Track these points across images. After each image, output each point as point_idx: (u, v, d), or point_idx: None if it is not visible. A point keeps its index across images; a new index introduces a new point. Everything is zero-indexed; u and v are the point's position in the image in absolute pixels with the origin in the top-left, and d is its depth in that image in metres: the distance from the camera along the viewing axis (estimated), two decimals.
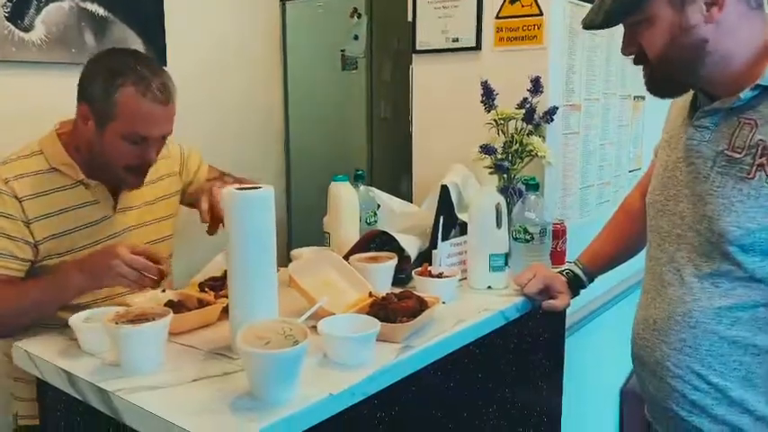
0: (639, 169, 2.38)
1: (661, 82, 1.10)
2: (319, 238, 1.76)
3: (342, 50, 3.43)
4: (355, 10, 3.38)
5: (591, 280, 1.50)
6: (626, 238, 1.48)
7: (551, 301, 1.44)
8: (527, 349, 1.58)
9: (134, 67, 1.34)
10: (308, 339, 0.96)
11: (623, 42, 1.11)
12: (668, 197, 1.16)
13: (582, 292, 1.51)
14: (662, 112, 1.51)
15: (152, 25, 2.13)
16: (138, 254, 1.24)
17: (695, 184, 1.09)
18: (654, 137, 1.46)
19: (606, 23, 1.08)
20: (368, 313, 1.21)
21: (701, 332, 1.08)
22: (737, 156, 1.03)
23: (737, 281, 1.05)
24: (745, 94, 1.02)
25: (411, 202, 1.97)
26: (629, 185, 2.31)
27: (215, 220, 1.36)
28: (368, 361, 1.09)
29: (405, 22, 3.36)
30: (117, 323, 1.06)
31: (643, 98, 2.33)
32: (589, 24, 1.11)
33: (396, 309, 1.21)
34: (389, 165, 3.44)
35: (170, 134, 1.42)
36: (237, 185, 1.14)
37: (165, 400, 0.98)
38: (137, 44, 2.08)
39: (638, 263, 1.40)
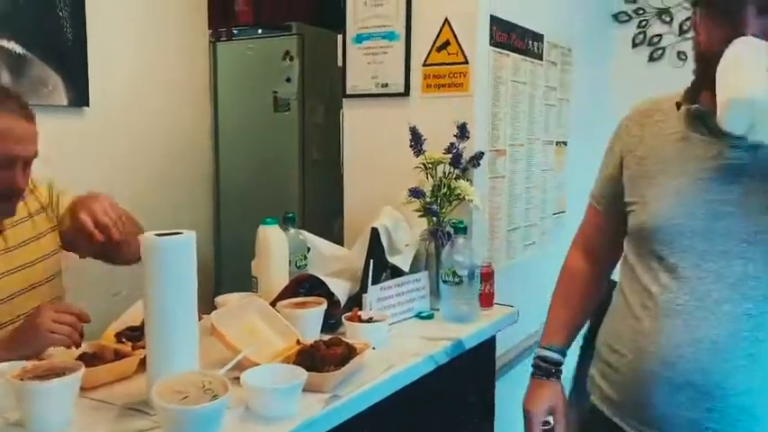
0: (564, 212, 2.45)
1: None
2: (249, 282, 1.72)
3: (274, 92, 3.44)
4: (287, 53, 3.40)
5: (565, 356, 1.43)
6: (583, 304, 1.44)
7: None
8: (457, 394, 1.57)
9: None
10: (230, 392, 0.93)
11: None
12: (697, 217, 1.14)
13: (510, 331, 1.50)
14: (585, 157, 1.56)
15: (74, 65, 2.07)
16: (60, 311, 1.17)
17: (747, 198, 1.10)
18: (578, 180, 1.51)
19: None
20: (295, 362, 1.18)
21: (766, 345, 1.08)
22: None
23: None
24: None
25: (342, 245, 1.96)
26: (554, 228, 2.39)
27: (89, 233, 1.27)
28: (293, 413, 1.06)
29: (336, 65, 3.42)
30: (23, 379, 0.99)
31: (566, 144, 2.43)
32: None
33: (324, 357, 1.18)
34: (322, 206, 3.43)
35: (35, 156, 1.33)
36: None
37: None
38: (57, 83, 2.01)
39: None
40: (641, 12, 2.75)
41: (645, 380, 1.17)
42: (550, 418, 1.37)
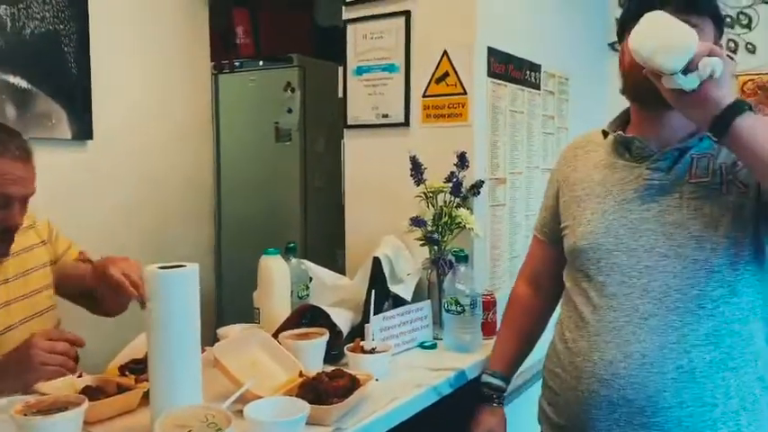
0: None
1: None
2: (251, 313, 1.72)
3: (275, 123, 3.48)
4: (288, 84, 3.45)
5: (508, 383, 1.49)
6: (528, 333, 1.49)
7: None
8: (461, 423, 1.56)
9: None
10: (232, 426, 0.93)
11: None
12: (620, 235, 1.21)
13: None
14: None
15: (78, 99, 2.10)
16: (53, 339, 1.17)
17: (664, 216, 1.17)
18: None
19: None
20: (298, 395, 1.17)
21: (695, 355, 1.12)
22: (705, 180, 1.15)
23: (720, 300, 1.13)
24: (700, 135, 1.15)
25: (344, 274, 1.97)
26: None
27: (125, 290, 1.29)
28: None
29: (337, 96, 3.46)
30: (26, 414, 0.99)
31: None
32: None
33: (327, 389, 1.18)
34: (324, 235, 3.44)
35: (33, 194, 1.37)
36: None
37: None
38: (61, 117, 2.04)
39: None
40: None
41: (584, 400, 1.21)
42: None
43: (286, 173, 3.45)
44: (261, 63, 3.52)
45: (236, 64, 3.55)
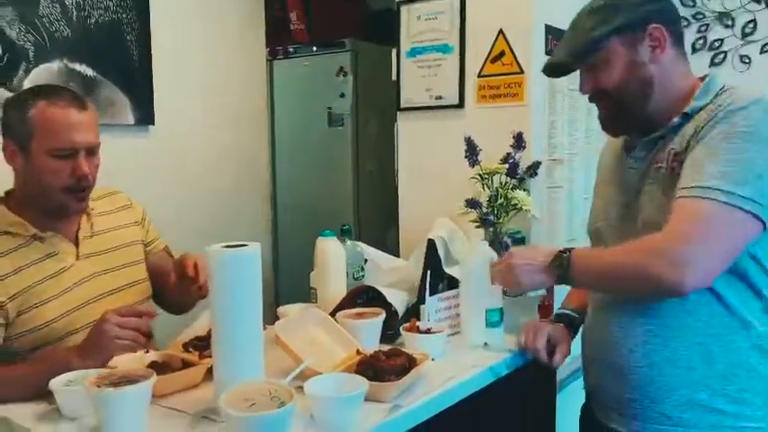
0: None
1: (617, 117, 1.26)
2: (306, 293, 1.75)
3: (328, 108, 3.50)
4: (341, 69, 3.46)
5: (582, 318, 1.49)
6: None
7: (561, 350, 1.44)
8: (517, 406, 1.55)
9: (42, 88, 1.39)
10: (295, 401, 0.95)
11: (581, 83, 1.28)
12: (610, 219, 1.31)
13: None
14: None
15: (140, 85, 2.16)
16: (124, 315, 1.22)
17: (638, 202, 1.24)
18: None
19: (570, 66, 1.28)
20: (356, 372, 1.19)
21: (666, 321, 1.20)
22: (661, 165, 1.21)
23: None
24: (674, 122, 1.21)
25: (398, 256, 1.97)
26: None
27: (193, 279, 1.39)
28: (356, 422, 1.07)
29: (390, 80, 3.45)
30: (99, 386, 1.04)
31: None
32: (553, 67, 1.30)
33: (384, 367, 1.19)
34: (376, 218, 3.46)
35: (97, 145, 1.39)
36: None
37: None
38: (125, 104, 2.11)
39: None
40: (700, 16, 2.68)
41: (586, 363, 1.38)
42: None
43: (339, 157, 3.48)
44: (314, 48, 3.53)
45: (290, 50, 3.59)
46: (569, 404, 1.93)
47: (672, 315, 1.18)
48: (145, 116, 2.17)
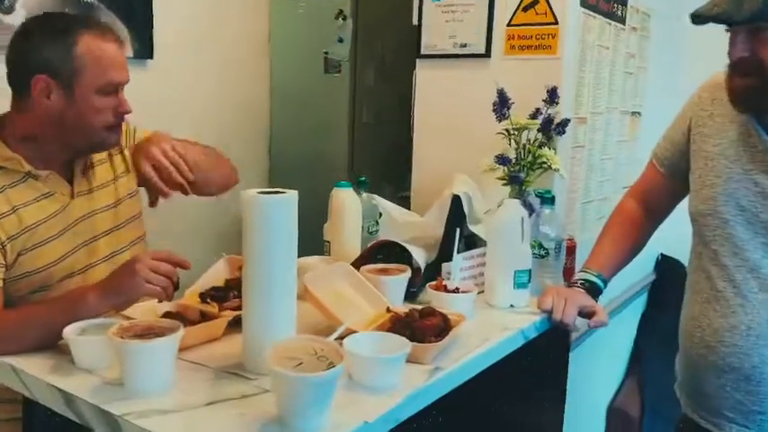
0: None
1: (759, 95, 1.12)
2: (305, 245, 1.66)
3: (325, 53, 3.35)
4: (340, 12, 3.29)
5: (606, 285, 1.46)
6: (632, 244, 1.50)
7: (597, 319, 1.38)
8: (536, 367, 1.52)
9: (80, 19, 1.28)
10: (345, 361, 0.88)
11: (734, 44, 1.10)
12: (741, 206, 1.18)
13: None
14: (656, 129, 1.52)
15: (139, 14, 2.01)
16: (159, 259, 1.13)
17: None
18: (649, 153, 1.47)
19: (749, 20, 1.07)
20: (391, 331, 1.13)
21: None
22: None
23: None
24: None
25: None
26: None
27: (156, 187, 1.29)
28: (397, 384, 1.01)
29: (391, 26, 3.29)
30: (122, 337, 0.96)
31: (640, 114, 2.32)
32: (726, 18, 1.08)
33: (422, 327, 1.13)
34: (371, 172, 3.36)
35: (127, 82, 1.32)
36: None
37: (181, 426, 0.88)
38: (123, 32, 1.95)
39: (622, 283, 1.38)
40: None
41: (694, 362, 1.28)
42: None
43: (334, 105, 3.35)
44: None
45: None
46: (579, 364, 1.92)
47: None
48: (144, 49, 2.03)
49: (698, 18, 1.11)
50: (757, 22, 1.07)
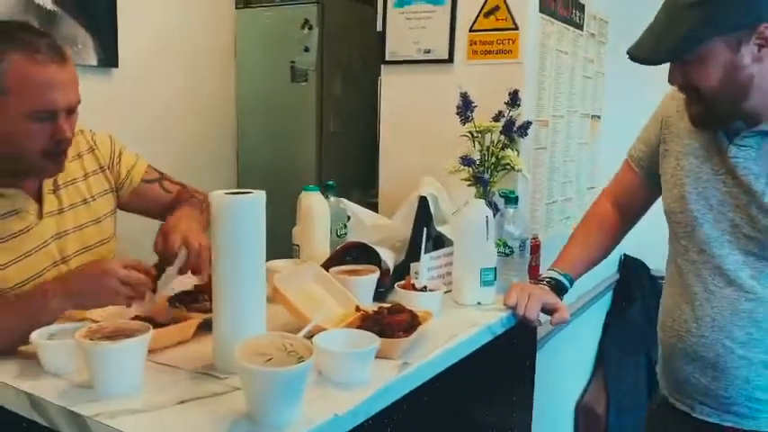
0: (595, 188, 2.42)
1: (707, 116, 1.18)
2: (273, 249, 1.66)
3: (292, 62, 3.36)
4: (306, 21, 3.32)
5: (572, 284, 1.49)
6: (602, 246, 1.53)
7: (559, 316, 1.42)
8: (503, 364, 1.55)
9: (12, 33, 1.14)
10: (314, 355, 0.89)
11: (670, 73, 1.18)
12: (710, 207, 1.24)
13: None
14: (616, 132, 1.57)
15: (103, 24, 2.00)
16: (129, 267, 1.12)
17: (750, 196, 1.18)
18: (609, 156, 1.52)
19: (668, 59, 1.16)
20: (359, 328, 1.14)
21: (765, 325, 1.19)
22: None
23: None
24: None
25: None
26: (587, 203, 2.35)
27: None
28: (367, 379, 1.02)
29: (356, 33, 3.32)
30: (92, 339, 0.96)
31: (599, 117, 2.39)
32: (642, 59, 1.16)
33: (391, 323, 1.15)
34: (338, 179, 3.38)
35: (78, 102, 1.22)
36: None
37: (151, 425, 0.88)
38: (87, 41, 1.95)
39: (587, 284, 1.42)
40: None
41: (667, 349, 1.35)
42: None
43: (301, 115, 3.37)
44: None
45: None
46: (545, 362, 1.96)
47: None
48: (108, 58, 2.02)
49: (630, 58, 1.19)
50: (677, 59, 1.15)
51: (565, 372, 2.42)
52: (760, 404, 1.22)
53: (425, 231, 1.55)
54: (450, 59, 1.85)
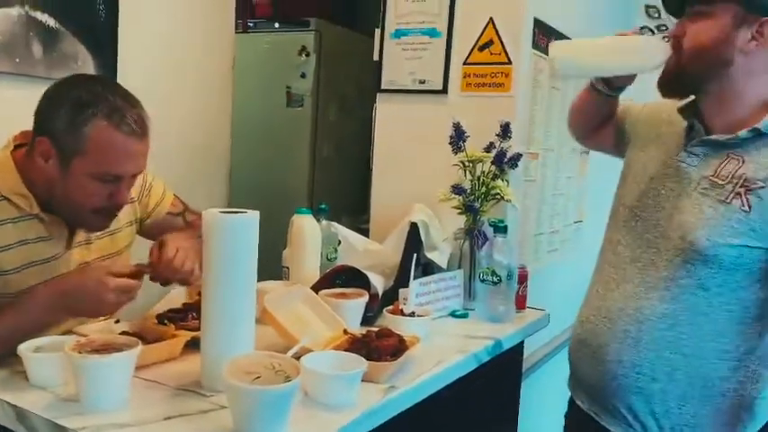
0: (581, 221, 2.46)
1: (676, 77, 1.21)
2: (264, 272, 1.67)
3: (288, 87, 3.41)
4: (303, 48, 3.38)
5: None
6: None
7: None
8: (487, 393, 1.55)
9: (105, 96, 1.18)
10: (301, 375, 0.90)
11: (676, 25, 1.23)
12: (646, 205, 1.27)
13: (533, 338, 1.55)
14: (604, 167, 1.60)
15: (104, 42, 2.02)
16: (117, 274, 1.13)
17: (677, 199, 1.21)
18: (597, 191, 1.55)
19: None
20: (347, 350, 1.15)
21: (645, 327, 1.21)
22: (720, 182, 1.16)
23: (687, 288, 1.18)
24: (743, 134, 1.15)
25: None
26: (573, 236, 2.39)
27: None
28: (353, 401, 1.03)
29: (352, 62, 3.38)
30: (80, 353, 0.96)
31: (588, 153, 2.43)
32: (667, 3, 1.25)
33: (378, 347, 1.16)
34: (330, 203, 3.39)
35: (143, 171, 1.28)
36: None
37: None
38: (87, 59, 1.97)
39: (570, 315, 1.45)
40: (664, 28, 2.78)
41: (574, 336, 1.39)
42: None
43: (296, 139, 3.40)
44: (276, 25, 3.44)
45: (250, 24, 3.48)
46: (531, 393, 1.97)
47: (653, 323, 1.22)
48: (108, 76, 2.04)
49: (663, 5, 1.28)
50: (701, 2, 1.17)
51: (549, 402, 2.42)
52: None
53: (415, 258, 1.57)
54: (445, 90, 1.89)
